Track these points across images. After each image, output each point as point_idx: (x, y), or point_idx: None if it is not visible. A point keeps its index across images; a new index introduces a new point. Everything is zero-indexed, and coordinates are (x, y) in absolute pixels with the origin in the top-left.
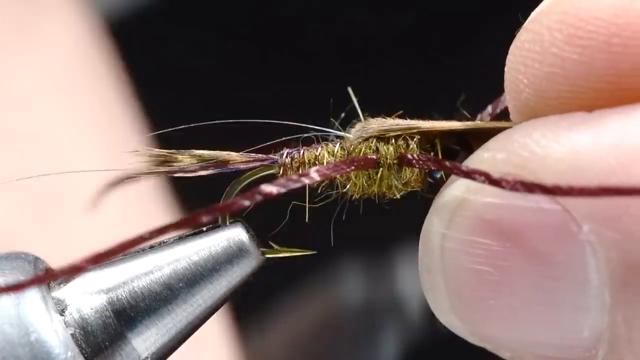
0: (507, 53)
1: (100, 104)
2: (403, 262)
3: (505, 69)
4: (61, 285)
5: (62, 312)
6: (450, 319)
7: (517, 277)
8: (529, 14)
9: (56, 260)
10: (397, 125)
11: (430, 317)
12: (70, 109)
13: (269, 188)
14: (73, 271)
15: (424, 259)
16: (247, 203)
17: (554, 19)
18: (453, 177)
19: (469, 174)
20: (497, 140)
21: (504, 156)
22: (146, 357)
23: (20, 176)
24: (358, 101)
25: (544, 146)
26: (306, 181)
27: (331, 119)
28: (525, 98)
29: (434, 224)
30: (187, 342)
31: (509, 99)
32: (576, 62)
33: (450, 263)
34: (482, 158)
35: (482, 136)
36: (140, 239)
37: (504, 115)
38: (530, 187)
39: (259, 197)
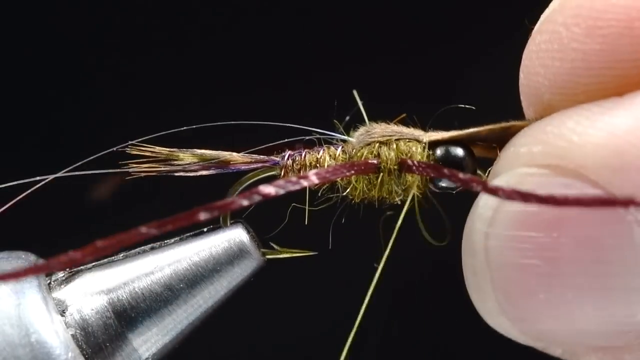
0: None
1: None
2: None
3: (521, 75)
4: (62, 286)
5: (62, 313)
6: (499, 321)
7: (567, 267)
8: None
9: None
10: (400, 132)
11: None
12: None
13: (268, 189)
14: (70, 263)
15: (468, 261)
16: (245, 203)
17: (570, 14)
18: (491, 176)
19: (467, 182)
20: (528, 134)
21: (541, 149)
22: (147, 358)
23: None
24: (363, 104)
25: (580, 133)
26: (305, 183)
27: (335, 121)
28: (548, 99)
29: (476, 224)
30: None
31: (526, 105)
32: (599, 52)
33: (496, 261)
34: (518, 154)
35: (488, 138)
36: (138, 233)
37: None
38: (525, 196)
39: (257, 198)
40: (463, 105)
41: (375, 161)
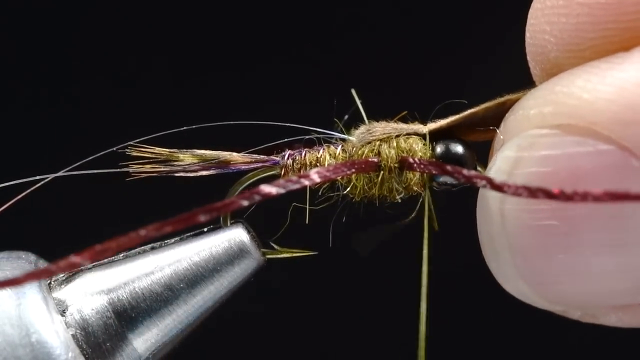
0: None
1: None
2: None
3: (527, 35)
4: (62, 286)
5: (63, 313)
6: (517, 286)
7: (584, 224)
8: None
9: None
10: (399, 129)
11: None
12: None
13: (268, 188)
14: (69, 267)
15: (484, 226)
16: (245, 203)
17: None
18: (502, 140)
19: (471, 178)
20: (536, 96)
21: (552, 109)
22: (147, 358)
23: None
24: (363, 103)
25: (590, 90)
26: (306, 182)
27: (335, 120)
28: (555, 57)
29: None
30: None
31: (533, 65)
32: (604, 6)
33: (512, 225)
34: (528, 116)
35: (485, 117)
36: (137, 236)
37: None
38: (533, 192)
39: (257, 198)
40: (459, 101)
41: (375, 159)
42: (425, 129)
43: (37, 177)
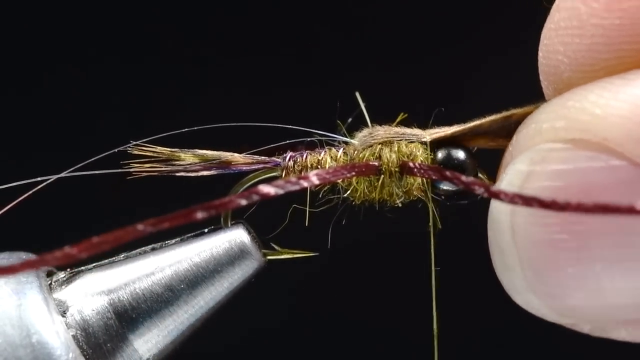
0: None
1: None
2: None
3: (540, 54)
4: (63, 287)
5: (63, 314)
6: (527, 298)
7: (594, 239)
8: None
9: None
10: (402, 133)
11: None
12: None
13: (267, 188)
14: (66, 258)
15: (495, 239)
16: (243, 202)
17: None
18: (514, 152)
19: (469, 185)
20: (549, 110)
21: (564, 124)
22: (148, 359)
23: None
24: (366, 106)
25: (603, 106)
26: (305, 184)
27: (338, 122)
28: (568, 77)
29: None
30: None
31: (546, 85)
32: (619, 27)
33: (522, 238)
34: (540, 130)
35: (490, 129)
36: (134, 230)
37: None
38: (527, 201)
39: (256, 197)
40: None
41: (376, 163)
42: (427, 137)
43: (39, 179)
